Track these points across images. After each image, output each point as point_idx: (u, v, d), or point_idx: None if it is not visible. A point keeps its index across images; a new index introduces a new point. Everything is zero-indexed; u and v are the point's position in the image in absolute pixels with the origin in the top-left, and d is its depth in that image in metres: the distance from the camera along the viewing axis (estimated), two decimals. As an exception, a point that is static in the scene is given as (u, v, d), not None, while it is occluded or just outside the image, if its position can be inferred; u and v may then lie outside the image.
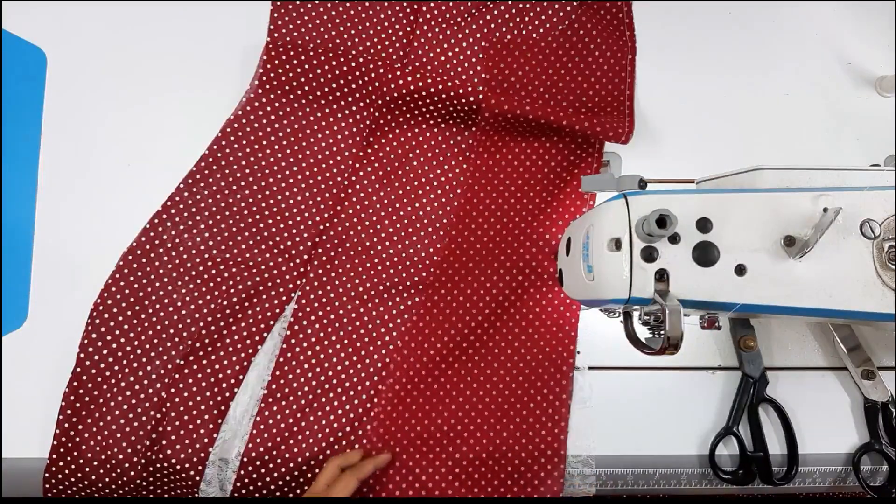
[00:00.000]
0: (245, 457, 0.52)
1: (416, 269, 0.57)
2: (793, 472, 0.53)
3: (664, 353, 0.40)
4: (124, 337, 0.54)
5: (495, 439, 0.54)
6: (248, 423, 0.53)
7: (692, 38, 0.63)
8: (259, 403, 0.54)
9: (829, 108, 0.62)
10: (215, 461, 0.53)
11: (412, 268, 0.57)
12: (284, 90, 0.58)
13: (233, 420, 0.54)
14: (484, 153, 0.59)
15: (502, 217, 0.58)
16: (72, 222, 0.57)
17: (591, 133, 0.57)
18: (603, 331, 0.57)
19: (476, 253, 0.57)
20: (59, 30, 0.60)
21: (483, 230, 0.58)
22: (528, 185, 0.59)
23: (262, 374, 0.55)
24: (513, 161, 0.59)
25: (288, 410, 0.54)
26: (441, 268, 0.57)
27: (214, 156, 0.57)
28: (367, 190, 0.58)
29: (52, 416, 0.52)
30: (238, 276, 0.55)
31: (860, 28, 0.64)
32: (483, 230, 0.58)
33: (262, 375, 0.55)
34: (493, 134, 0.59)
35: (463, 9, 0.61)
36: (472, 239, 0.57)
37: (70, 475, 0.51)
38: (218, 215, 0.56)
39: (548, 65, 0.60)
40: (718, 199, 0.42)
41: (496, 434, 0.54)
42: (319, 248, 0.57)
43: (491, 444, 0.54)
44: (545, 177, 0.59)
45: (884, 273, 0.41)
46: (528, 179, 0.59)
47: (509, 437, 0.54)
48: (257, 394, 0.54)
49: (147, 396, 0.53)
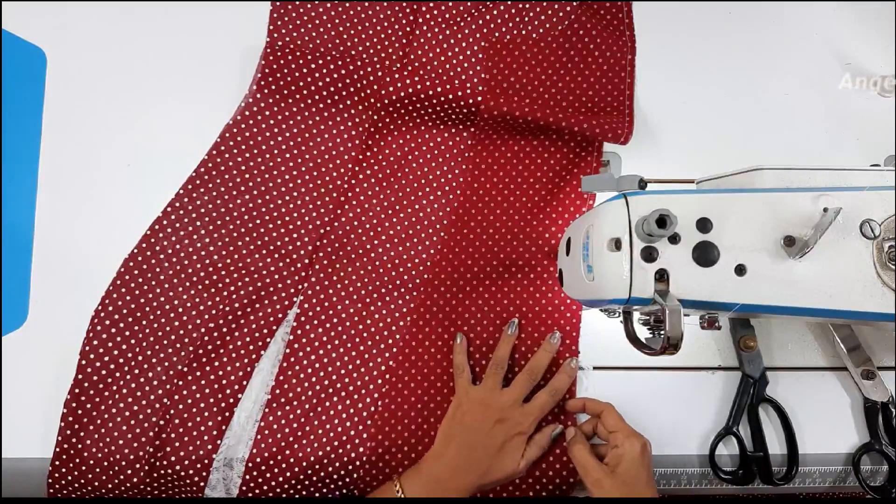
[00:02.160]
0: (250, 461, 0.52)
1: (418, 270, 0.57)
2: (793, 472, 0.53)
3: (664, 353, 0.40)
4: (125, 343, 0.53)
5: None
6: (253, 428, 0.53)
7: (692, 39, 0.63)
8: (263, 408, 0.54)
9: (829, 108, 0.62)
10: (219, 466, 0.53)
11: (413, 269, 0.57)
12: (283, 94, 0.58)
13: (237, 425, 0.53)
14: (483, 152, 0.59)
15: (502, 215, 0.58)
16: (72, 222, 0.57)
17: (590, 133, 0.57)
18: (603, 331, 0.57)
19: (475, 251, 0.57)
20: (59, 30, 0.60)
21: (483, 228, 0.58)
22: (527, 184, 0.59)
23: (266, 379, 0.55)
24: (512, 159, 0.59)
25: (293, 414, 0.53)
26: (441, 267, 0.57)
27: (214, 161, 0.57)
28: (367, 193, 0.58)
29: (52, 416, 0.52)
30: (240, 282, 0.55)
31: (860, 28, 0.64)
32: (483, 228, 0.58)
33: (266, 380, 0.55)
34: (492, 134, 0.59)
35: (462, 9, 0.61)
36: (471, 237, 0.57)
37: (73, 481, 0.51)
38: (218, 220, 0.56)
39: (547, 65, 0.60)
40: (718, 199, 0.42)
41: None
42: (321, 252, 0.57)
43: None
44: (544, 175, 0.59)
45: (884, 273, 0.41)
46: (527, 178, 0.59)
47: None
48: (262, 399, 0.54)
49: (149, 403, 0.52)
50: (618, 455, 0.47)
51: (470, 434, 0.50)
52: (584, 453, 0.49)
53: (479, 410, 0.51)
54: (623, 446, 0.47)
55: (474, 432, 0.50)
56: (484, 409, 0.51)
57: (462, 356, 0.54)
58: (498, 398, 0.51)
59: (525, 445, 0.51)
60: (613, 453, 0.48)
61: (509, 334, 0.55)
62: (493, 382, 0.52)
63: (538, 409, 0.52)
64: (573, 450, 0.50)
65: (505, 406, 0.51)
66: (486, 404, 0.51)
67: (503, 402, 0.51)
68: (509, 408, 0.51)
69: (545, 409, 0.52)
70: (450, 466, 0.49)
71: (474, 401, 0.52)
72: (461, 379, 0.53)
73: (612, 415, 0.50)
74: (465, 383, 0.53)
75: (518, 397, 0.52)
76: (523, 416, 0.51)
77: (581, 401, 0.54)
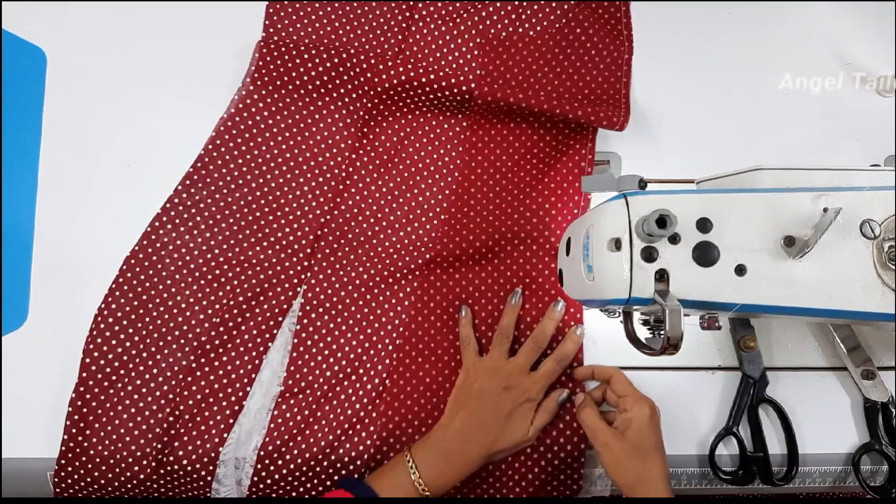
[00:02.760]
0: (262, 449, 0.52)
1: (420, 251, 0.57)
2: (793, 473, 0.53)
3: (664, 353, 0.40)
4: (129, 341, 0.53)
5: None
6: (266, 417, 0.53)
7: (692, 38, 0.63)
8: (276, 398, 0.54)
9: (829, 108, 0.62)
10: (229, 459, 0.52)
11: (415, 251, 0.57)
12: (276, 85, 0.58)
13: (248, 417, 0.53)
14: (479, 131, 0.59)
15: (501, 192, 0.58)
16: (72, 222, 0.57)
17: (584, 120, 0.56)
18: (603, 331, 0.57)
19: (476, 227, 0.57)
20: (59, 30, 0.60)
21: (483, 206, 0.58)
22: (524, 160, 0.58)
23: (276, 370, 0.55)
24: (508, 137, 0.59)
25: (305, 402, 0.54)
26: (443, 244, 0.57)
27: (210, 156, 0.57)
28: (365, 180, 0.58)
29: (53, 416, 0.52)
30: (242, 276, 0.55)
31: (860, 28, 0.64)
32: (483, 206, 0.58)
33: (277, 371, 0.55)
34: (488, 115, 0.59)
35: (459, 6, 0.61)
36: (471, 214, 0.57)
37: (80, 479, 0.51)
38: (218, 215, 0.56)
39: (543, 62, 0.60)
40: (718, 199, 0.42)
41: None
42: (322, 241, 0.57)
43: None
44: (541, 150, 0.59)
45: (884, 273, 0.41)
46: (524, 154, 0.58)
47: None
48: (273, 390, 0.54)
49: (155, 399, 0.52)
50: (627, 419, 0.47)
51: (478, 403, 0.50)
52: (592, 416, 0.49)
53: (486, 379, 0.51)
54: (632, 410, 0.48)
55: (482, 401, 0.50)
56: (491, 377, 0.51)
57: (468, 328, 0.55)
58: (504, 366, 0.52)
59: (534, 413, 0.51)
60: (622, 417, 0.48)
61: (513, 304, 0.55)
62: (499, 352, 0.53)
63: (545, 375, 0.52)
64: (582, 413, 0.50)
65: (512, 374, 0.51)
66: (493, 373, 0.51)
67: (510, 369, 0.51)
68: (516, 375, 0.51)
69: (552, 376, 0.52)
70: (459, 435, 0.49)
71: (481, 370, 0.52)
72: (468, 350, 0.54)
73: (622, 380, 0.50)
74: (472, 354, 0.53)
75: (524, 365, 0.52)
76: (531, 383, 0.51)
77: (589, 368, 0.54)
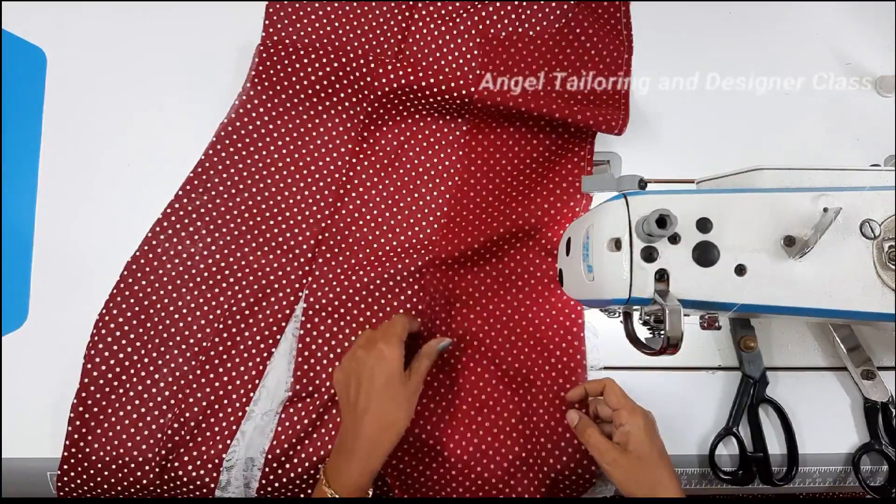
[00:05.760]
0: (270, 453, 0.52)
1: (419, 254, 0.57)
2: (793, 473, 0.53)
3: (664, 353, 0.40)
4: (131, 347, 0.53)
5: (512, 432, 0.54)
6: (273, 421, 0.53)
7: (692, 39, 0.63)
8: (283, 402, 0.54)
9: (829, 108, 0.62)
10: (238, 463, 0.52)
11: (415, 253, 0.57)
12: (276, 90, 0.58)
13: (254, 422, 0.53)
14: (479, 135, 0.59)
15: (500, 195, 0.58)
16: (72, 222, 0.57)
17: (584, 124, 0.56)
18: (603, 331, 0.57)
19: (474, 229, 0.57)
20: (59, 30, 0.60)
21: (482, 209, 0.58)
22: (523, 164, 0.59)
23: (280, 376, 0.55)
24: (507, 141, 0.59)
25: (312, 406, 0.54)
26: (441, 247, 0.57)
27: (211, 160, 0.57)
28: (365, 184, 0.58)
29: (53, 416, 0.52)
30: (244, 280, 0.55)
31: (860, 28, 0.64)
32: (482, 209, 0.58)
33: (281, 377, 0.55)
34: (487, 119, 0.59)
35: (458, 6, 0.61)
36: (470, 217, 0.57)
37: (83, 483, 0.51)
38: (219, 219, 0.56)
39: (543, 62, 0.60)
40: (718, 199, 0.42)
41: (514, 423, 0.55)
42: (323, 245, 0.57)
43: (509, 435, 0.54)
44: (541, 154, 0.59)
45: (884, 273, 0.41)
46: (523, 159, 0.59)
47: (527, 420, 0.54)
48: (279, 395, 0.54)
49: (157, 405, 0.52)
50: (625, 433, 0.47)
51: (343, 387, 0.49)
52: (596, 436, 0.49)
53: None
54: (628, 423, 0.47)
55: (345, 383, 0.49)
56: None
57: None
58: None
59: (397, 350, 0.48)
60: (620, 431, 0.48)
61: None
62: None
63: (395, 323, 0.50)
64: (586, 434, 0.49)
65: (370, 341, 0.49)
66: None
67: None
68: (370, 336, 0.49)
69: (406, 325, 0.50)
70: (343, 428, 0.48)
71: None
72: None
73: (614, 390, 0.50)
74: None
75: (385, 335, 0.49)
76: (381, 330, 0.49)
77: (580, 387, 0.53)
